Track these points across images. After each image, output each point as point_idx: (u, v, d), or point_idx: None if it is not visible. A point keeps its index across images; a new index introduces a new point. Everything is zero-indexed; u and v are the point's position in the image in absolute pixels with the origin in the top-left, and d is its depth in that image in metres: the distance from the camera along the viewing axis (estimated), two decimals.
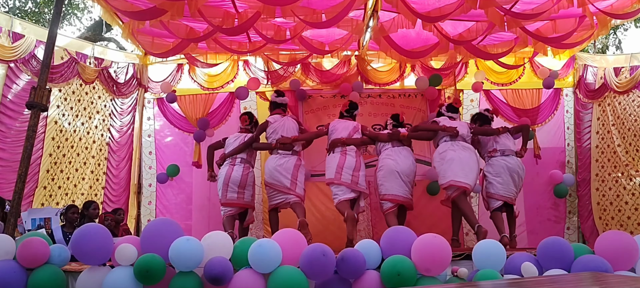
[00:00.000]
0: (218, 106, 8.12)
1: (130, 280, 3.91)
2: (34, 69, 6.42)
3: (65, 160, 7.06)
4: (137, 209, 8.07)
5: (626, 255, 3.98)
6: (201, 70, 8.07)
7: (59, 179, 6.97)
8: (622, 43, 14.62)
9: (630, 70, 7.39)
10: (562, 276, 3.62)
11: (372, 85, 8.22)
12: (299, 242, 4.16)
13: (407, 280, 3.83)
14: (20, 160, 4.53)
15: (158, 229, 4.15)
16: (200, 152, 7.95)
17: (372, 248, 4.14)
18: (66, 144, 7.10)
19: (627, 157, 7.41)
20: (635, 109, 7.32)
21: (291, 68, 8.06)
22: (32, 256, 4.09)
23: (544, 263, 4.06)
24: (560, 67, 8.19)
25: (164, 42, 6.96)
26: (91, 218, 6.11)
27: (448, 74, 8.14)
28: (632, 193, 7.34)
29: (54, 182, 6.88)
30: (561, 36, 6.62)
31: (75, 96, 7.25)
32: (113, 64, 7.77)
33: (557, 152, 8.45)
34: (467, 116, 8.51)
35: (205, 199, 8.08)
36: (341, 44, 7.15)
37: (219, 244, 4.09)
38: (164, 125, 8.30)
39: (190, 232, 7.68)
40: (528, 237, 8.10)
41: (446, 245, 4.00)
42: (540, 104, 8.28)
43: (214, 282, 3.84)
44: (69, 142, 7.14)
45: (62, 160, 7.01)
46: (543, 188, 8.27)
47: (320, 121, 8.11)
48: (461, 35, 6.95)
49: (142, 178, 8.15)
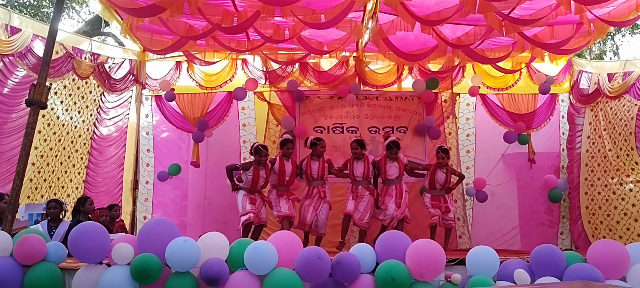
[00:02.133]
0: (216, 106, 8.13)
1: (126, 279, 3.93)
2: (30, 63, 6.40)
3: (51, 154, 7.02)
4: (132, 205, 8.09)
5: (618, 264, 4.03)
6: (199, 69, 8.07)
7: (45, 172, 6.93)
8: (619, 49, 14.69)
9: (623, 76, 7.44)
10: (554, 284, 3.67)
11: (369, 87, 8.24)
12: (294, 245, 4.18)
13: (401, 285, 3.86)
14: (19, 157, 4.53)
15: (155, 229, 4.17)
16: (198, 152, 7.96)
17: (367, 253, 4.18)
18: (53, 137, 7.05)
19: (618, 161, 7.47)
20: (625, 114, 7.37)
21: (289, 68, 8.08)
22: (29, 253, 4.10)
23: (536, 270, 4.10)
24: (556, 73, 8.24)
25: (162, 39, 6.96)
26: (87, 214, 6.12)
27: (445, 78, 8.18)
28: (622, 197, 7.39)
29: (40, 174, 6.84)
30: (559, 42, 6.66)
31: (67, 90, 7.22)
32: (109, 59, 7.75)
33: (552, 157, 8.52)
34: (463, 119, 8.59)
35: (201, 197, 8.11)
36: (340, 44, 7.17)
37: (215, 245, 4.11)
38: (160, 121, 8.32)
39: (186, 229, 7.72)
40: (521, 241, 8.17)
41: (440, 250, 4.03)
42: (536, 109, 8.34)
43: (210, 283, 3.87)
44: (57, 136, 7.10)
45: (48, 154, 6.97)
46: (537, 193, 8.33)
47: (317, 122, 8.14)
48: (459, 39, 6.98)
49: (139, 174, 8.15)
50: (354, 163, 6.58)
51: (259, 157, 6.24)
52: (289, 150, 6.44)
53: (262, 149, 6.28)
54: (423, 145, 8.10)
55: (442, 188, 6.71)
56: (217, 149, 8.19)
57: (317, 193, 6.49)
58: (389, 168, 6.54)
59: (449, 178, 6.67)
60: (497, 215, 8.30)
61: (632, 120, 7.20)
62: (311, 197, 6.49)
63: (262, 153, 6.25)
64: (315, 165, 6.52)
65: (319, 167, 6.51)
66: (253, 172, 6.26)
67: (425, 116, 8.17)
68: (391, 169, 6.54)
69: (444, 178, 6.64)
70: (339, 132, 8.12)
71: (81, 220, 5.78)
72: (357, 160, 6.57)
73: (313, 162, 6.54)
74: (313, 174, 6.51)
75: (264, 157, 6.27)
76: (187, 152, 8.18)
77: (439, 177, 6.61)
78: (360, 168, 6.53)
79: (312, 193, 6.51)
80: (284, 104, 8.18)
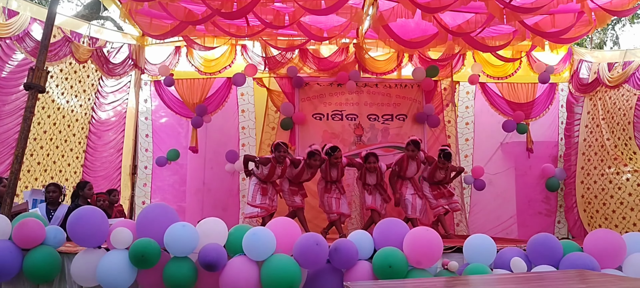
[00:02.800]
0: (215, 91, 8.11)
1: (125, 263, 3.95)
2: (27, 47, 6.38)
3: (46, 137, 7.00)
4: (131, 190, 8.10)
5: (614, 254, 4.05)
6: (199, 54, 8.04)
7: (39, 155, 6.91)
8: (619, 39, 14.64)
9: (623, 65, 7.42)
10: (550, 273, 3.69)
11: (369, 74, 8.22)
12: (293, 231, 4.20)
13: (398, 272, 3.88)
14: (17, 141, 4.53)
15: (154, 214, 4.18)
16: (197, 138, 7.96)
17: (365, 240, 4.19)
18: (48, 120, 7.03)
19: (616, 150, 7.47)
20: (624, 103, 7.35)
21: (289, 54, 8.05)
22: (28, 237, 4.12)
23: (533, 258, 4.12)
24: (557, 62, 8.22)
25: (162, 23, 6.91)
26: (86, 199, 6.13)
27: (445, 66, 8.16)
28: (619, 187, 7.41)
29: (33, 157, 6.82)
30: (559, 31, 6.64)
31: (63, 74, 7.19)
32: (108, 44, 7.71)
33: (550, 146, 8.53)
34: (463, 108, 8.59)
35: (200, 183, 8.13)
36: (340, 31, 7.14)
37: (213, 231, 4.13)
38: (159, 106, 8.30)
39: (184, 214, 7.75)
40: (518, 229, 8.21)
41: (438, 238, 4.05)
42: (535, 99, 8.34)
43: (208, 268, 3.89)
44: (52, 119, 7.07)
45: (43, 137, 6.95)
46: (535, 182, 8.36)
47: (316, 109, 8.13)
48: (460, 27, 6.95)
49: (138, 159, 8.15)
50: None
51: (278, 153, 6.27)
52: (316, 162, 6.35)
53: (282, 146, 6.31)
54: (422, 133, 8.10)
55: (440, 182, 6.76)
56: (216, 135, 8.18)
57: (335, 188, 6.57)
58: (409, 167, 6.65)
59: (448, 176, 6.73)
60: (495, 204, 8.33)
61: (631, 110, 7.20)
62: (330, 191, 6.55)
63: (281, 149, 6.27)
64: (335, 172, 6.54)
65: (337, 173, 6.55)
66: (270, 168, 6.28)
67: (425, 104, 8.16)
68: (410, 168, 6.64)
69: (444, 175, 6.67)
70: (338, 119, 8.12)
71: (80, 204, 5.80)
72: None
73: (332, 169, 6.53)
74: (332, 178, 6.55)
75: (283, 152, 6.29)
76: (186, 138, 8.18)
77: (438, 175, 6.67)
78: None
79: (330, 188, 6.57)
80: (283, 90, 8.17)
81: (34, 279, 4.21)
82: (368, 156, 6.48)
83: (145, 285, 4.16)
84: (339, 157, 6.42)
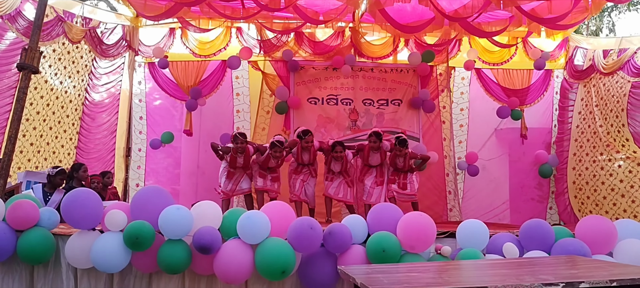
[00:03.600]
0: (210, 74, 8.06)
1: (119, 246, 3.95)
2: (19, 26, 6.29)
3: (39, 118, 6.94)
4: (125, 172, 8.08)
5: (605, 240, 4.10)
6: (193, 36, 7.97)
7: (32, 136, 6.86)
8: (615, 26, 14.66)
9: (618, 53, 7.44)
10: (541, 259, 3.73)
11: (364, 58, 8.19)
12: (287, 215, 4.21)
13: (391, 257, 3.91)
14: (10, 122, 4.50)
15: (148, 197, 4.18)
16: (191, 121, 7.93)
17: (359, 224, 4.22)
18: (41, 101, 6.96)
19: (608, 137, 7.51)
20: (618, 91, 7.38)
21: (284, 37, 7.99)
22: (22, 218, 4.11)
23: (525, 244, 4.16)
24: (552, 49, 8.23)
25: (157, 4, 6.83)
26: (80, 181, 6.11)
27: (441, 51, 8.14)
28: (610, 173, 7.47)
29: (26, 138, 6.76)
30: (556, 17, 6.63)
31: (56, 54, 7.10)
32: (101, 24, 7.63)
33: (544, 132, 8.57)
34: (458, 93, 8.60)
35: (194, 166, 8.11)
36: (336, 14, 7.09)
37: (208, 214, 4.14)
38: (153, 88, 8.25)
39: (178, 197, 7.75)
40: (511, 215, 8.28)
41: (431, 223, 4.08)
42: (530, 85, 8.35)
43: (202, 251, 3.90)
44: (45, 100, 7.01)
45: (35, 117, 6.89)
46: (528, 168, 8.41)
47: (311, 93, 8.10)
48: (456, 12, 6.91)
49: (131, 142, 8.12)
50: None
51: (236, 145, 6.47)
52: (277, 154, 6.50)
53: (239, 137, 6.47)
54: (417, 119, 8.11)
55: (402, 169, 6.79)
56: (211, 118, 8.16)
57: (307, 171, 6.70)
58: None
59: (407, 163, 6.75)
60: (488, 189, 8.39)
61: (625, 97, 7.23)
62: (299, 173, 6.70)
63: (239, 141, 6.44)
64: (306, 155, 6.67)
65: (309, 157, 6.68)
66: (230, 158, 6.54)
67: (420, 89, 8.15)
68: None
69: (403, 162, 6.71)
70: (333, 104, 8.10)
71: (74, 186, 5.78)
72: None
73: (303, 152, 6.65)
74: (304, 161, 6.69)
75: (241, 143, 6.44)
76: (180, 121, 8.15)
77: (398, 163, 6.71)
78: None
79: (301, 170, 6.71)
80: (279, 74, 8.13)
81: (28, 260, 4.21)
82: (335, 145, 6.65)
83: (140, 268, 4.18)
84: (310, 141, 6.58)
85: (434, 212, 7.50)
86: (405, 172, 6.78)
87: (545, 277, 2.57)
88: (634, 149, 7.16)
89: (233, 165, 6.57)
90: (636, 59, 7.19)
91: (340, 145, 6.62)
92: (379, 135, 6.68)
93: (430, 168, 7.92)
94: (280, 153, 6.50)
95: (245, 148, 6.48)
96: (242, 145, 6.45)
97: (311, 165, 6.73)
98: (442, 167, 8.14)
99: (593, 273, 2.66)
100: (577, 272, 2.81)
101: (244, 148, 6.46)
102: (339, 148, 6.56)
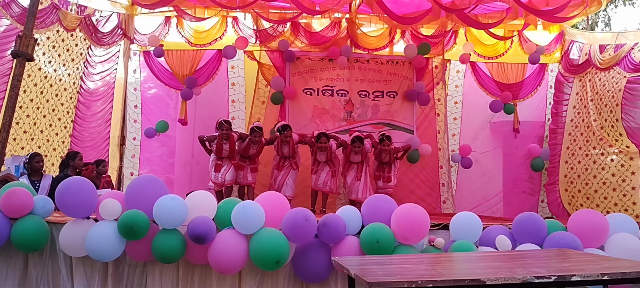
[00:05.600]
0: (205, 64, 8.01)
1: (113, 234, 3.96)
2: (13, 13, 6.22)
3: (32, 105, 6.87)
4: (119, 161, 8.06)
5: (597, 234, 4.14)
6: (189, 25, 7.92)
7: (25, 124, 6.80)
8: (611, 20, 14.69)
9: (615, 48, 7.45)
10: (533, 251, 3.77)
11: (360, 49, 8.18)
12: (281, 206, 4.22)
13: (385, 248, 3.94)
14: (4, 110, 4.47)
15: (143, 186, 4.17)
16: (186, 110, 7.91)
17: (353, 215, 4.24)
18: (35, 89, 6.88)
19: (602, 132, 7.54)
20: (613, 86, 7.39)
21: (280, 27, 7.95)
22: (16, 206, 4.10)
23: (518, 237, 4.20)
24: (548, 43, 8.23)
25: None
26: (75, 169, 6.09)
27: (437, 43, 8.14)
28: (603, 167, 7.50)
29: (19, 126, 6.69)
30: (553, 10, 6.62)
31: (50, 42, 7.04)
32: (96, 12, 7.56)
33: (537, 126, 8.60)
34: (452, 86, 8.60)
35: (188, 155, 8.10)
36: (332, 5, 7.05)
37: (202, 204, 4.14)
38: (148, 77, 8.20)
39: (172, 187, 7.74)
40: (504, 208, 8.33)
41: (425, 215, 4.10)
42: (524, 79, 8.36)
43: (197, 240, 3.91)
44: (39, 88, 6.94)
45: (29, 105, 6.81)
46: (521, 161, 8.45)
47: (307, 84, 8.10)
48: (453, 3, 6.89)
49: (126, 130, 8.09)
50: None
51: (221, 131, 6.73)
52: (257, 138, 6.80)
53: (224, 123, 6.77)
54: (412, 111, 8.12)
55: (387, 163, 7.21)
56: (206, 107, 8.13)
57: (288, 164, 7.04)
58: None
59: (392, 156, 7.17)
60: (481, 182, 8.43)
61: (620, 92, 7.24)
62: (281, 168, 7.04)
63: (224, 127, 6.73)
64: (286, 149, 6.98)
65: (289, 150, 6.98)
66: (217, 146, 6.80)
67: (416, 81, 8.16)
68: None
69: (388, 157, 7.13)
70: (328, 95, 8.10)
71: (69, 174, 5.76)
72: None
73: (283, 146, 6.97)
74: (284, 154, 7.01)
75: (226, 130, 6.71)
76: (175, 110, 8.12)
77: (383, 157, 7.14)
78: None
79: (283, 164, 7.04)
80: (274, 64, 8.11)
81: (23, 248, 4.21)
82: (320, 136, 6.91)
83: (134, 257, 4.19)
84: (288, 136, 6.89)
85: (428, 204, 7.55)
86: (390, 165, 7.17)
87: (538, 270, 2.60)
88: (627, 144, 7.20)
89: (219, 154, 6.82)
90: (633, 54, 7.20)
91: (325, 136, 6.93)
92: (361, 139, 7.00)
93: (424, 160, 7.98)
94: (260, 139, 6.80)
95: (230, 135, 6.75)
96: (227, 132, 6.71)
97: (292, 158, 7.02)
98: (436, 159, 8.18)
99: (584, 267, 2.70)
100: (568, 265, 2.84)
101: (228, 135, 6.73)
102: (324, 139, 6.88)
